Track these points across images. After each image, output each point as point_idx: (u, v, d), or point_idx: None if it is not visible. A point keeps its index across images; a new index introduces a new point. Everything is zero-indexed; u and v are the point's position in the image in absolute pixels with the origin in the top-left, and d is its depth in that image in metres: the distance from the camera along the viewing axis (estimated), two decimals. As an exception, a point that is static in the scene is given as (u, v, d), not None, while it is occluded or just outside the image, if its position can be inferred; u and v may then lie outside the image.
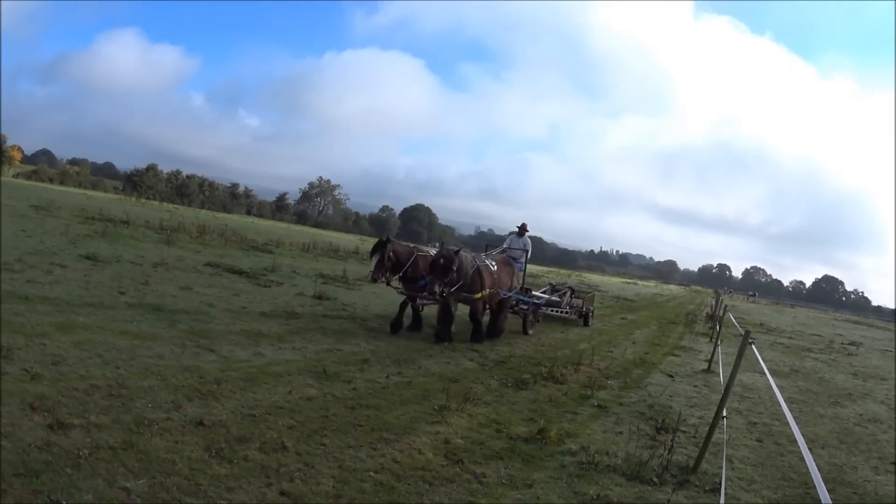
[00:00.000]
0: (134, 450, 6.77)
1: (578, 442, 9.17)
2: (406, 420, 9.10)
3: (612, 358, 17.26)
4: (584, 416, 10.79)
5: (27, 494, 5.60)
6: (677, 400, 12.93)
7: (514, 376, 12.84)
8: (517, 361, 14.85)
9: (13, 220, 26.45)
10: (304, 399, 9.45)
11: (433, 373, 12.42)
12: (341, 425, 8.47)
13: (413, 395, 10.55)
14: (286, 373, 10.68)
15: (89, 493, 5.82)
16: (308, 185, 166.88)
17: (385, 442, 8.08)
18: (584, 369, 14.35)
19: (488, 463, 7.94)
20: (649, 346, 21.61)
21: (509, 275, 18.63)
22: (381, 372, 11.81)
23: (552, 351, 17.13)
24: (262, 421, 8.20)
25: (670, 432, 9.66)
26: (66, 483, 5.90)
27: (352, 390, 10.31)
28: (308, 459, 7.21)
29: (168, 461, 6.65)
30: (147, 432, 7.25)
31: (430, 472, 7.40)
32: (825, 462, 9.98)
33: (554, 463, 8.23)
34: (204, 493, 6.17)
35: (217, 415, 8.17)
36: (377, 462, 7.44)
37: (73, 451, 6.50)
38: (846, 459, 10.47)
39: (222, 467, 6.71)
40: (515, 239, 22.15)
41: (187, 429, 7.55)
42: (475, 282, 16.42)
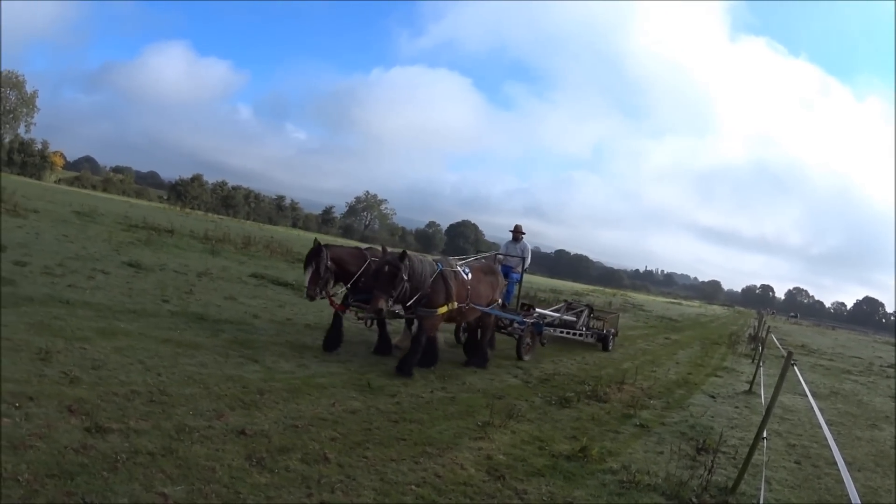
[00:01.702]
0: (173, 456, 6.74)
1: (620, 461, 9.06)
2: (449, 435, 9.04)
3: (655, 378, 17.08)
4: (626, 435, 10.68)
5: (60, 496, 5.59)
6: (719, 421, 12.76)
7: (558, 394, 12.72)
8: (561, 379, 14.69)
9: (55, 224, 26.62)
10: (347, 411, 9.42)
11: (477, 389, 12.38)
12: (384, 438, 8.42)
13: (457, 410, 10.50)
14: (330, 385, 10.66)
15: (125, 497, 5.81)
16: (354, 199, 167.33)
17: (427, 456, 8.03)
18: (628, 388, 14.21)
19: (530, 480, 7.86)
20: (692, 366, 21.41)
21: (490, 285, 15.11)
22: (425, 387, 11.79)
23: (596, 369, 16.93)
24: (304, 432, 8.16)
25: (711, 453, 9.50)
26: (102, 486, 5.88)
27: (395, 404, 10.27)
28: (350, 471, 7.16)
29: (208, 468, 6.62)
30: (187, 439, 7.23)
31: (471, 487, 7.34)
32: (861, 485, 9.80)
33: (595, 481, 8.14)
34: (243, 501, 6.14)
35: (259, 424, 8.14)
36: (419, 476, 7.37)
37: (110, 455, 6.49)
38: (881, 482, 10.35)
39: (263, 476, 6.66)
40: (511, 245, 19.54)
41: (229, 437, 7.53)
42: (437, 292, 13.20)
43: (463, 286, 13.95)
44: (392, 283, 12.33)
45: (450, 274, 13.67)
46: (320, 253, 13.35)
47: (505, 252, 19.39)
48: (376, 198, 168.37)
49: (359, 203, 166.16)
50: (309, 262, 13.44)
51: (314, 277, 13.27)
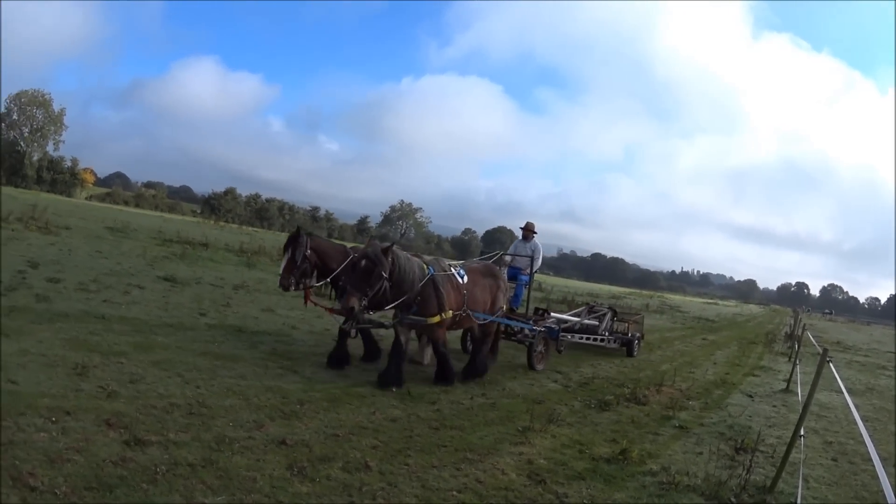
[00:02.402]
0: (214, 467, 6.75)
1: (659, 462, 9.02)
2: (490, 441, 9.01)
3: (693, 379, 16.98)
4: (665, 436, 10.62)
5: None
6: (756, 420, 12.68)
7: (598, 397, 12.67)
8: (600, 383, 14.63)
9: (87, 241, 26.81)
10: (387, 419, 9.42)
11: (517, 394, 12.31)
12: (425, 445, 8.41)
13: (497, 416, 10.46)
14: (370, 394, 10.68)
15: (165, 508, 5.78)
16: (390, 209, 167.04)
17: (469, 462, 8.01)
18: (666, 390, 14.13)
19: (570, 483, 7.82)
20: (730, 366, 21.27)
21: (490, 289, 13.55)
22: (465, 393, 11.77)
23: (635, 372, 16.85)
24: (345, 440, 8.17)
25: (749, 452, 9.50)
26: (141, 498, 5.91)
27: (436, 411, 10.28)
28: (391, 479, 7.15)
29: (249, 479, 6.62)
30: (228, 450, 7.25)
31: (512, 492, 7.30)
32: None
33: (635, 483, 8.11)
34: (285, 510, 6.09)
35: (300, 434, 8.14)
36: (460, 482, 7.35)
37: (149, 467, 6.50)
38: (916, 478, 10.16)
39: (304, 485, 6.66)
40: (520, 244, 17.84)
41: (269, 447, 7.54)
42: (428, 300, 11.79)
43: (458, 292, 12.50)
44: (367, 280, 10.91)
45: (442, 279, 12.13)
46: (298, 239, 12.25)
47: (513, 252, 17.85)
48: (411, 206, 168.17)
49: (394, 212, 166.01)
50: (286, 248, 12.43)
51: (289, 266, 12.24)
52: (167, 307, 15.22)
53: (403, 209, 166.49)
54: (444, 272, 12.40)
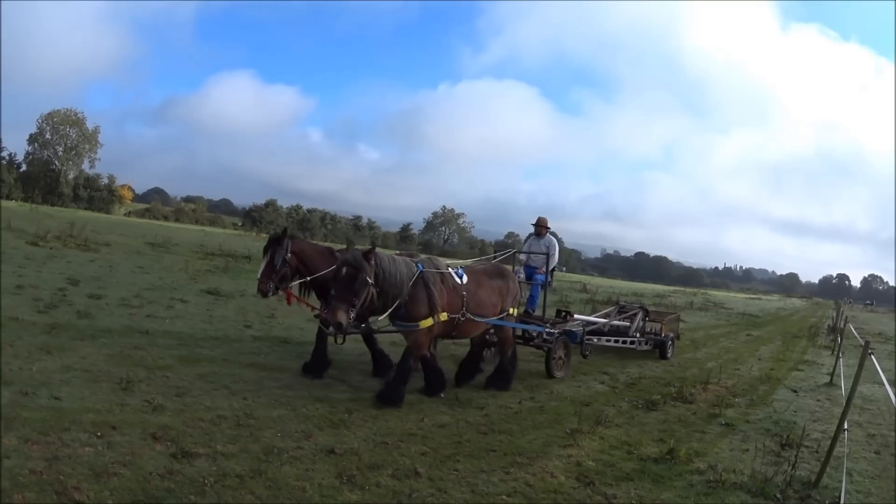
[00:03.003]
0: (262, 478, 6.78)
1: (706, 461, 8.96)
2: (538, 444, 8.98)
3: (738, 375, 16.87)
4: (712, 434, 10.56)
5: (146, 520, 5.58)
6: (801, 415, 12.60)
7: (645, 397, 12.61)
8: (647, 383, 14.55)
9: (128, 257, 27.10)
10: (436, 426, 9.44)
11: (565, 397, 12.28)
12: (474, 450, 8.41)
13: (545, 419, 10.44)
14: (418, 401, 10.66)
15: (214, 519, 5.80)
16: (432, 215, 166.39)
17: (518, 466, 7.98)
18: (713, 388, 14.03)
19: (619, 484, 7.79)
20: (774, 361, 21.12)
21: (497, 291, 12.30)
22: (513, 397, 11.73)
23: (681, 371, 16.73)
24: (394, 448, 8.19)
25: (794, 448, 9.42)
26: (189, 510, 5.89)
27: (484, 416, 10.27)
28: (441, 484, 7.15)
29: (298, 488, 6.64)
30: (276, 461, 7.27)
31: (561, 494, 7.28)
32: (937, 474, 9.64)
33: (682, 482, 8.08)
34: (335, 518, 6.09)
35: (349, 443, 8.18)
36: (510, 486, 7.33)
37: (197, 479, 6.54)
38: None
39: (354, 494, 6.67)
40: (535, 241, 16.57)
41: (318, 457, 7.55)
42: (417, 301, 10.74)
43: (454, 292, 11.34)
44: (352, 290, 9.93)
45: (433, 277, 11.07)
46: (280, 241, 11.44)
47: (527, 250, 16.72)
48: (453, 212, 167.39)
49: (436, 218, 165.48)
50: (265, 251, 11.59)
51: (268, 269, 11.42)
52: (211, 320, 15.34)
53: (446, 215, 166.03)
54: (436, 272, 11.21)
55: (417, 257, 11.74)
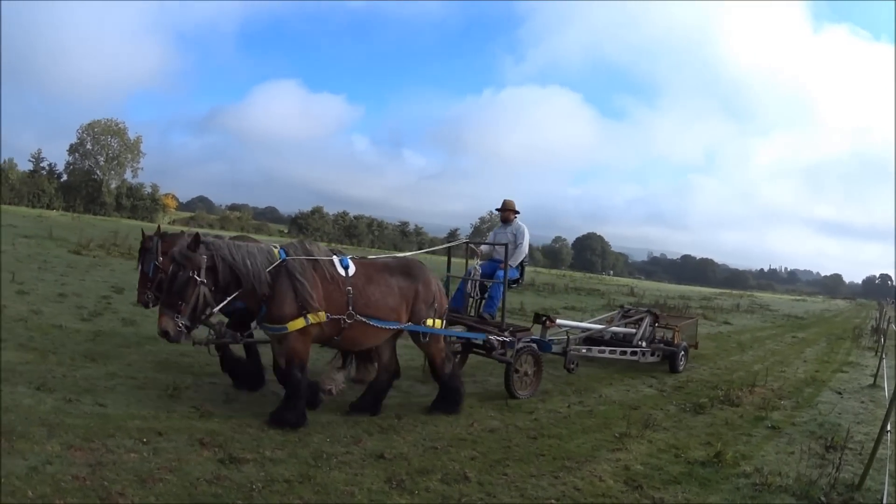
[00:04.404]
0: (311, 483, 6.80)
1: (752, 464, 8.93)
2: (587, 448, 8.99)
3: (784, 378, 16.76)
4: (758, 437, 10.52)
5: (192, 524, 5.62)
6: (845, 417, 12.52)
7: (692, 401, 12.57)
8: (695, 386, 14.47)
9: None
10: (486, 430, 9.43)
11: (613, 401, 12.23)
12: (523, 455, 8.39)
13: (594, 423, 10.42)
14: (468, 405, 10.62)
15: (262, 523, 5.83)
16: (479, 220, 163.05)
17: (567, 470, 7.97)
18: (759, 390, 13.93)
19: (666, 488, 7.77)
20: (819, 363, 20.97)
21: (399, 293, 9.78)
22: (562, 402, 11.70)
23: (728, 374, 16.67)
24: (443, 452, 8.20)
25: (838, 450, 9.39)
26: (237, 514, 5.93)
27: (533, 421, 10.23)
28: (490, 489, 7.14)
29: (347, 493, 6.66)
30: (325, 465, 7.30)
31: (610, 498, 7.28)
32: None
33: (729, 485, 8.06)
34: (384, 522, 6.10)
35: (398, 448, 8.19)
36: (559, 490, 7.32)
37: (245, 484, 6.57)
38: None
39: (403, 498, 6.68)
40: (500, 230, 13.60)
41: (367, 461, 7.58)
42: (281, 297, 8.61)
43: (335, 287, 9.08)
44: (180, 291, 8.07)
45: (301, 266, 8.85)
46: (148, 247, 9.90)
47: (492, 240, 13.60)
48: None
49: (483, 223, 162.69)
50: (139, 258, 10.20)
51: (143, 279, 10.05)
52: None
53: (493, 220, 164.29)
54: (307, 261, 8.98)
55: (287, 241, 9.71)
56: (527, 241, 13.21)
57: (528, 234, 13.23)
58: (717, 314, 37.88)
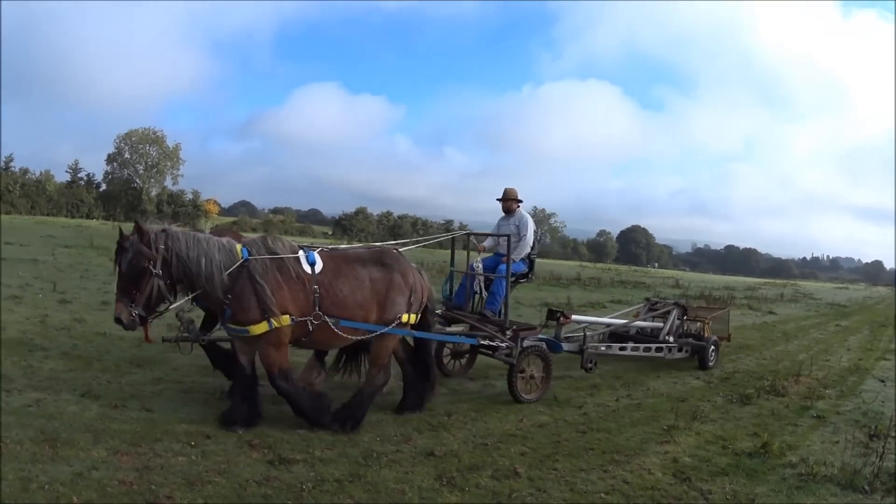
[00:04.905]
0: (361, 481, 6.84)
1: (798, 454, 8.92)
2: (636, 441, 9.00)
3: (828, 367, 16.66)
4: (804, 427, 10.48)
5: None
6: (888, 405, 12.36)
7: (739, 391, 12.51)
8: (741, 377, 14.38)
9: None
10: (535, 426, 9.44)
11: (661, 393, 12.22)
12: (573, 449, 8.42)
13: (642, 416, 10.42)
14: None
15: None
16: None
17: (616, 464, 8.00)
18: (804, 380, 13.89)
19: (714, 479, 7.78)
20: (863, 351, 20.78)
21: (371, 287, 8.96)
22: (610, 395, 11.72)
23: (773, 363, 16.55)
24: (493, 449, 8.22)
25: (881, 439, 9.40)
26: (286, 514, 5.98)
27: (583, 415, 10.26)
28: (540, 484, 7.16)
29: (397, 491, 6.69)
30: (375, 464, 7.33)
31: (658, 491, 7.28)
32: None
33: (775, 476, 8.05)
34: (434, 519, 6.15)
35: (448, 445, 8.23)
36: (608, 484, 7.35)
37: (295, 485, 6.62)
38: None
39: (453, 495, 6.72)
40: (503, 221, 12.58)
41: (418, 459, 7.62)
42: (241, 299, 8.11)
43: (301, 286, 8.47)
44: (135, 281, 7.81)
45: (264, 265, 8.28)
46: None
47: (499, 230, 12.47)
48: (544, 212, 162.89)
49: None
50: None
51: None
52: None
53: (537, 215, 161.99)
54: (272, 255, 8.41)
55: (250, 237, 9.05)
56: (531, 233, 12.18)
57: (532, 224, 12.31)
58: (761, 304, 37.71)
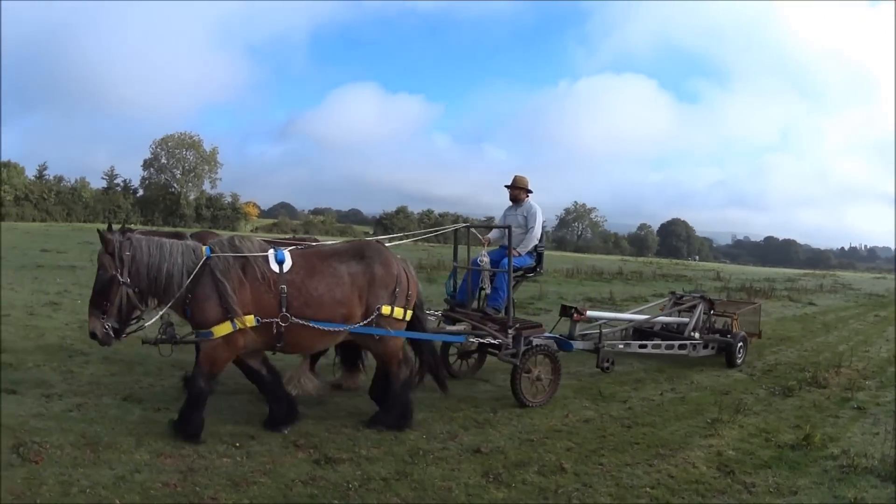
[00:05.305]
0: (408, 479, 6.88)
1: (840, 446, 8.94)
2: (680, 435, 9.04)
3: (868, 357, 16.55)
4: (844, 419, 10.49)
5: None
6: (928, 396, 12.44)
7: (781, 384, 12.48)
8: (783, 369, 14.36)
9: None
10: (580, 421, 9.48)
11: (705, 387, 12.20)
12: (618, 444, 8.45)
13: (686, 410, 10.45)
14: (562, 397, 10.67)
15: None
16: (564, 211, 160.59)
17: (661, 458, 8.03)
18: (845, 371, 13.86)
19: (757, 472, 7.81)
20: (902, 341, 20.65)
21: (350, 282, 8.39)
22: (654, 389, 11.74)
23: (814, 355, 16.51)
24: (539, 445, 8.26)
25: (920, 429, 9.31)
26: (332, 513, 6.05)
27: (627, 409, 10.28)
28: (586, 479, 7.21)
29: (444, 488, 6.74)
30: (422, 462, 7.38)
31: (703, 484, 7.32)
32: None
33: (817, 468, 8.08)
34: (481, 516, 6.20)
35: (494, 441, 8.26)
36: (653, 478, 7.39)
37: (341, 484, 6.67)
38: None
39: (500, 492, 6.76)
40: (509, 212, 11.98)
41: (464, 456, 7.66)
42: (202, 300, 7.75)
43: (266, 287, 8.00)
44: (104, 292, 7.54)
45: (226, 265, 7.89)
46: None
47: (501, 223, 11.70)
48: (585, 207, 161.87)
49: (568, 214, 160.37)
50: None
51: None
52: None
53: (578, 210, 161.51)
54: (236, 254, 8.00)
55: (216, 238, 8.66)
56: (539, 224, 11.54)
57: (541, 215, 11.61)
58: (801, 295, 37.60)
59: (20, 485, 6.15)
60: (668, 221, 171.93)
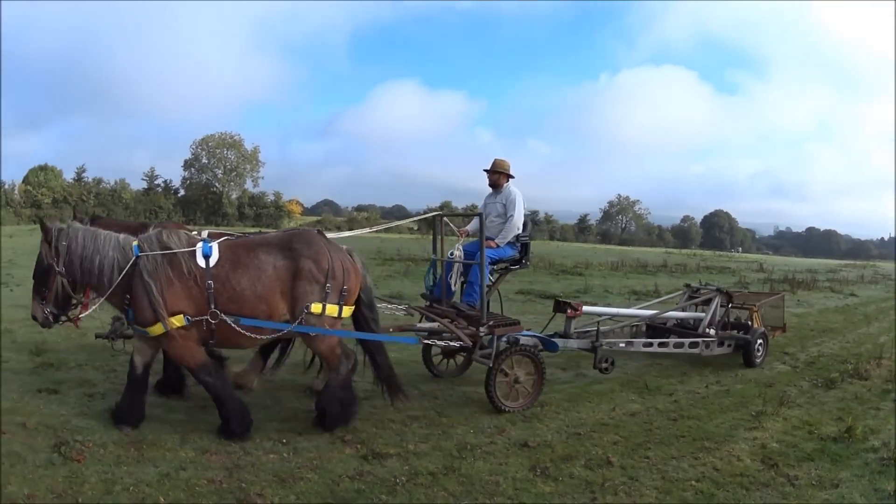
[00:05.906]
0: (456, 474, 6.97)
1: (880, 438, 8.90)
2: (725, 428, 9.03)
3: (908, 348, 16.41)
4: (885, 411, 10.40)
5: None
6: (961, 387, 12.34)
7: (824, 376, 12.43)
8: (826, 360, 14.22)
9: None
10: (627, 414, 9.51)
11: (749, 379, 12.11)
12: (664, 437, 8.49)
13: (731, 402, 10.42)
14: (609, 390, 10.74)
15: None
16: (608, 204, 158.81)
17: (706, 451, 8.06)
18: (885, 363, 13.68)
19: (800, 465, 7.81)
20: (942, 332, 20.35)
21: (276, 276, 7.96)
22: (700, 382, 11.72)
23: (856, 346, 16.36)
24: (586, 438, 8.31)
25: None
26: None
27: (673, 402, 10.31)
28: (632, 473, 7.25)
29: (491, 482, 6.80)
30: (469, 456, 7.45)
31: (747, 477, 7.33)
32: None
33: (858, 461, 8.04)
34: (528, 510, 6.25)
35: (542, 435, 8.31)
36: (698, 471, 7.42)
37: (388, 479, 6.75)
38: None
39: (547, 485, 6.82)
40: (489, 200, 11.13)
41: (511, 451, 7.72)
42: (137, 300, 7.63)
43: (194, 283, 7.77)
44: (42, 280, 7.72)
45: (153, 263, 7.69)
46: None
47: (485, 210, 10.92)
48: (629, 199, 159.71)
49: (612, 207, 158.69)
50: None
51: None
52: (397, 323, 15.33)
53: (621, 203, 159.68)
54: (164, 251, 7.78)
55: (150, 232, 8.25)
56: (520, 212, 10.64)
57: (521, 201, 10.71)
58: (843, 286, 37.14)
59: (61, 483, 6.28)
60: (710, 213, 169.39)
